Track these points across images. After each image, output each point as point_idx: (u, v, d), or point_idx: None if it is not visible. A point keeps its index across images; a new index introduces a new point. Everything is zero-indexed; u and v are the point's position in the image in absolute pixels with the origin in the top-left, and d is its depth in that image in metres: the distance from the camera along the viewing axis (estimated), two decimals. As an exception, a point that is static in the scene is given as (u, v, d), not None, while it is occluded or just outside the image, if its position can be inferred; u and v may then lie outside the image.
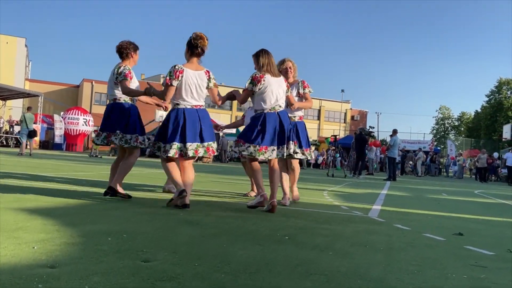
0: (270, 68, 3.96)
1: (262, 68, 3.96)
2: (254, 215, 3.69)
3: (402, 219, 4.15)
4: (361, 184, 10.78)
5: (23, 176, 6.12)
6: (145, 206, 3.82)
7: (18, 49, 42.13)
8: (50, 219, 2.80)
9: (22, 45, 42.82)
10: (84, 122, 34.35)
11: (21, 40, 42.70)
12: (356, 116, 56.61)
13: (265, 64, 3.96)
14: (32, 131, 15.04)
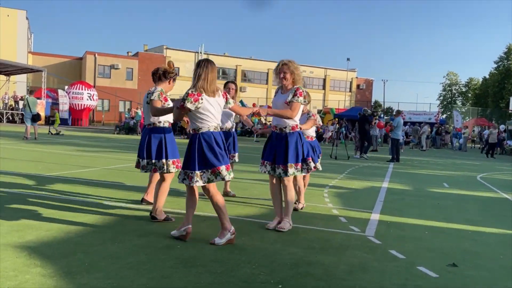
0: (207, 86, 3.61)
1: (198, 82, 3.61)
2: (251, 246, 3.77)
3: (398, 238, 4.23)
4: (363, 171, 10.83)
5: (26, 176, 6.23)
6: (147, 234, 3.91)
7: (19, 22, 41.60)
8: (49, 265, 2.90)
9: (23, 17, 42.22)
10: (88, 97, 34.36)
11: (22, 12, 42.08)
12: (362, 85, 56.02)
13: (201, 78, 3.61)
14: (35, 115, 15.09)
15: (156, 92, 4.34)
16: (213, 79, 3.66)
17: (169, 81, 4.59)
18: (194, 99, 3.55)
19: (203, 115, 3.59)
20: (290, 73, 4.20)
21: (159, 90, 4.38)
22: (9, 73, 34.92)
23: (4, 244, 3.35)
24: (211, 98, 3.63)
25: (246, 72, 51.99)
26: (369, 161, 13.74)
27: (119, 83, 44.68)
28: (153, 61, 46.52)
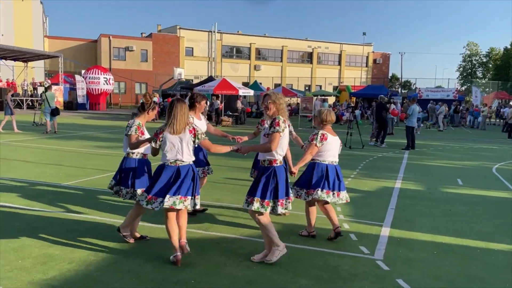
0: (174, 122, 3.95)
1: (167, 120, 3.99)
2: (262, 279, 3.92)
3: (407, 262, 4.33)
4: (377, 165, 10.86)
5: (48, 186, 6.49)
6: (163, 264, 4.10)
7: (34, 6, 41.77)
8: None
9: (38, 1, 42.35)
10: (104, 81, 34.67)
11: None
12: (378, 59, 55.00)
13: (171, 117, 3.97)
14: (54, 110, 15.41)
15: (134, 126, 4.57)
16: (182, 118, 3.96)
17: (147, 111, 4.74)
18: (158, 138, 4.01)
19: (164, 150, 4.01)
20: (273, 103, 4.16)
21: (136, 124, 4.60)
22: (26, 59, 35.41)
23: (30, 282, 3.58)
24: (172, 136, 3.97)
25: (260, 50, 51.49)
26: (384, 150, 13.72)
27: (135, 65, 44.88)
28: (167, 41, 46.45)
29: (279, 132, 4.01)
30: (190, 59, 47.35)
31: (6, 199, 6.14)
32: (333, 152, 4.82)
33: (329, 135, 4.77)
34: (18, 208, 5.73)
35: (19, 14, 40.33)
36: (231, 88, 22.58)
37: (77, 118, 24.88)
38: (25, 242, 4.49)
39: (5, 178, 7.56)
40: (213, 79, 28.83)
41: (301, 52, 53.04)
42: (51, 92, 15.96)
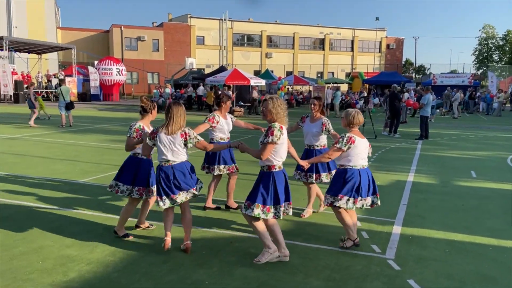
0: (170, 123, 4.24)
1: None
2: (273, 279, 4.00)
3: (418, 261, 4.36)
4: (390, 157, 10.83)
5: (65, 184, 6.66)
6: (177, 266, 4.21)
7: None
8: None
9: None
10: (117, 72, 34.96)
11: (47, -12, 42.40)
12: (392, 45, 54.25)
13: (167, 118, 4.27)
14: (69, 103, 15.62)
15: (133, 129, 4.79)
16: (178, 120, 4.23)
17: (150, 112, 4.90)
18: (152, 136, 4.35)
19: (158, 149, 4.33)
20: (269, 112, 4.10)
21: (135, 127, 4.80)
22: (40, 51, 35.80)
23: (51, 284, 3.72)
24: (164, 136, 4.26)
25: (272, 37, 51.15)
26: (397, 141, 13.65)
27: (146, 55, 45.04)
28: (178, 30, 46.44)
29: (273, 143, 4.00)
30: (201, 48, 47.31)
31: (26, 198, 6.32)
32: (363, 155, 4.57)
33: (357, 138, 4.52)
34: (37, 207, 5.90)
35: (31, 6, 40.62)
36: (243, 78, 22.56)
37: (91, 110, 25.17)
38: (44, 243, 4.64)
39: (24, 176, 7.76)
40: (224, 69, 28.81)
41: (313, 38, 52.57)
42: (66, 86, 16.16)
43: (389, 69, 47.86)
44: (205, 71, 39.09)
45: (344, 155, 4.51)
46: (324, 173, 5.62)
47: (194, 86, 29.56)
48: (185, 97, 26.43)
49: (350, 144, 4.47)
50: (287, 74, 43.19)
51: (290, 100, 30.81)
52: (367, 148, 4.63)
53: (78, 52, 36.05)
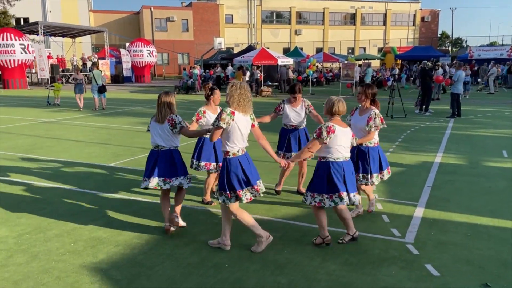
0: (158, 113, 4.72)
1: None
2: (291, 264, 4.11)
3: (438, 245, 4.36)
4: (419, 136, 10.64)
5: (98, 167, 6.97)
6: (200, 248, 4.39)
7: (78, -19, 42.70)
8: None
9: (81, -24, 43.20)
10: (148, 54, 35.43)
11: (78, -29, 43.05)
12: (426, 17, 52.20)
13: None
14: (101, 87, 16.08)
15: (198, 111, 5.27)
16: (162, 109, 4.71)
17: (211, 99, 5.36)
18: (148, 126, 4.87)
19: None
20: (227, 95, 4.14)
21: (197, 111, 5.33)
22: (74, 35, 36.70)
23: (80, 265, 3.98)
24: (156, 124, 4.71)
25: (301, 13, 50.23)
26: (428, 119, 13.34)
27: (176, 36, 45.29)
28: (207, 10, 46.32)
29: (219, 127, 4.01)
30: (230, 26, 47.10)
31: (61, 181, 6.67)
32: (345, 147, 4.25)
33: (337, 127, 4.17)
34: (71, 190, 6.23)
35: (64, -11, 41.46)
36: (270, 57, 22.42)
37: (124, 92, 25.75)
38: (76, 225, 4.93)
39: (59, 160, 8.15)
40: (252, 48, 28.67)
41: (343, 13, 51.26)
42: (97, 70, 16.60)
43: (424, 43, 46.21)
44: (234, 50, 39.04)
45: (323, 146, 4.21)
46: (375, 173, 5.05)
47: (223, 66, 29.64)
48: (214, 77, 26.57)
49: (330, 134, 4.12)
50: (317, 51, 42.51)
51: (319, 78, 30.43)
52: (350, 139, 4.29)
53: (110, 35, 36.70)
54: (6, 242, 4.46)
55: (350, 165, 4.36)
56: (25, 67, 29.55)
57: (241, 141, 4.10)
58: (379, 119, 4.91)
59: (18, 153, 8.77)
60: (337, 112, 4.25)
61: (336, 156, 4.21)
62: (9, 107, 17.58)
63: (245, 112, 4.11)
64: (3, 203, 5.64)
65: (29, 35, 31.48)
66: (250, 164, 4.17)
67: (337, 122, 4.25)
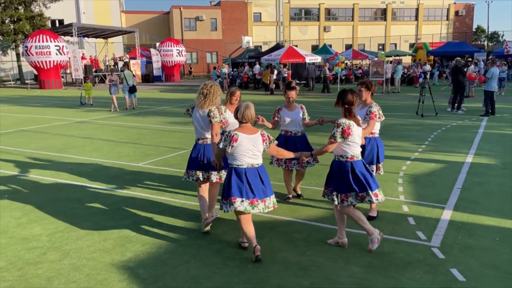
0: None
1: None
2: (314, 266, 4.13)
3: (465, 249, 4.28)
4: (450, 135, 10.39)
5: (128, 167, 7.18)
6: (222, 249, 4.47)
7: (110, -17, 43.74)
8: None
9: (113, -21, 44.26)
10: (177, 53, 35.99)
11: (111, -26, 44.10)
12: (461, 11, 50.65)
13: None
14: (132, 87, 16.46)
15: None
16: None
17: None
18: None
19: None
20: None
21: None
22: (106, 36, 37.68)
23: (109, 263, 4.13)
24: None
25: (330, 10, 49.70)
26: (460, 118, 12.99)
27: (205, 35, 45.78)
28: (235, 8, 46.56)
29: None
30: (258, 24, 47.16)
31: (92, 180, 6.91)
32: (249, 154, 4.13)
33: (241, 135, 4.07)
34: (102, 190, 6.44)
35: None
36: (298, 55, 22.34)
37: (154, 92, 26.27)
38: (107, 224, 5.10)
39: (91, 159, 8.43)
40: (280, 46, 28.63)
41: (373, 9, 50.39)
42: (128, 71, 17.00)
43: (458, 38, 44.88)
44: (262, 48, 39.07)
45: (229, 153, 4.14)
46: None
47: (251, 64, 29.75)
48: (242, 76, 26.70)
49: (232, 142, 4.03)
50: (346, 47, 41.99)
51: (348, 76, 30.07)
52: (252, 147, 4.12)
53: (140, 35, 37.48)
54: (40, 239, 4.68)
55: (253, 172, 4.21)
56: (60, 68, 30.59)
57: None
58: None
59: (53, 152, 9.13)
60: (241, 119, 4.15)
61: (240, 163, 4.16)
62: (45, 107, 18.27)
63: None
64: (38, 202, 5.91)
65: (64, 36, 32.55)
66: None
67: (245, 129, 4.14)
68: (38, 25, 34.20)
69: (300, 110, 5.71)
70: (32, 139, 10.69)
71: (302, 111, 5.72)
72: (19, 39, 33.47)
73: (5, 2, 33.28)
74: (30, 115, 15.42)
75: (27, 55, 29.08)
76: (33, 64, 29.46)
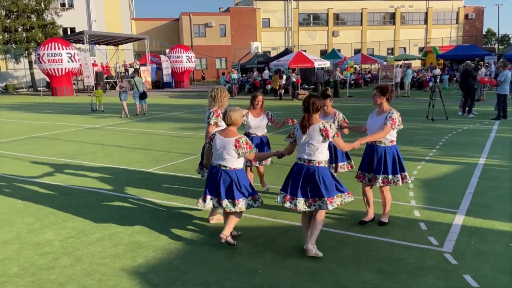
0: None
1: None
2: (323, 270, 4.11)
3: (477, 255, 4.23)
4: (461, 139, 10.29)
5: (140, 174, 7.23)
6: (233, 254, 4.47)
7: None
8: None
9: (123, -14, 44.78)
10: (187, 59, 36.23)
11: (121, -19, 44.60)
12: (470, 15, 50.31)
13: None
14: (142, 93, 16.60)
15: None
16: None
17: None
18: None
19: None
20: None
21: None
22: (117, 43, 38.08)
23: (121, 269, 4.15)
24: None
25: (339, 15, 49.70)
26: (471, 122, 12.86)
27: (214, 41, 46.03)
28: (244, 14, 46.79)
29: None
30: (267, 30, 47.33)
31: (103, 186, 6.97)
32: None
33: (217, 136, 4.52)
34: (113, 195, 6.49)
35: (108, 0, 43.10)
36: (307, 60, 22.36)
37: (164, 98, 26.44)
38: (117, 229, 5.14)
39: (103, 165, 8.50)
40: (289, 51, 28.68)
41: (382, 13, 50.28)
42: (139, 78, 17.16)
43: (468, 41, 44.52)
44: (271, 53, 39.16)
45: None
46: None
47: (259, 70, 29.83)
48: (251, 81, 26.77)
49: (210, 141, 4.59)
50: (355, 52, 41.92)
51: (357, 80, 29.99)
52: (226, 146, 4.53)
53: (150, 42, 37.83)
54: (52, 245, 4.73)
55: None
56: (71, 75, 30.96)
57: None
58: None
59: (65, 158, 9.23)
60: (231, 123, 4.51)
61: None
62: (57, 113, 18.49)
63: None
64: (50, 207, 5.97)
65: (75, 44, 32.98)
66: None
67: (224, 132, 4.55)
68: (50, 33, 34.71)
69: (333, 117, 5.57)
70: (44, 145, 10.82)
71: (334, 118, 5.56)
72: (32, 47, 33.99)
73: (18, 11, 33.86)
74: (43, 122, 15.62)
75: (39, 62, 29.49)
76: (45, 71, 29.85)
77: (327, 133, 4.12)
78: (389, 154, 4.87)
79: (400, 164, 4.92)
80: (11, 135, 12.72)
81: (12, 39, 34.10)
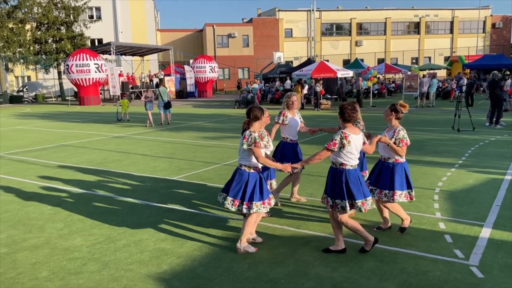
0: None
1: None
2: (347, 282, 4.10)
3: (504, 269, 4.14)
4: (488, 151, 10.08)
5: (163, 182, 7.36)
6: (256, 263, 4.50)
7: (146, 4, 45.37)
8: (182, 306, 3.64)
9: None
10: (210, 70, 36.67)
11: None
12: (498, 24, 49.34)
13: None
14: (167, 103, 16.90)
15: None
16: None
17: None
18: None
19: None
20: None
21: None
22: (142, 53, 38.92)
23: (146, 275, 4.24)
24: None
25: (362, 24, 49.52)
26: (499, 133, 12.58)
27: (237, 51, 46.49)
28: (267, 25, 47.15)
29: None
30: (290, 40, 47.53)
31: (129, 194, 7.13)
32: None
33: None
34: (138, 203, 6.63)
35: (134, 11, 44.20)
36: (329, 70, 22.33)
37: (187, 108, 26.79)
38: (143, 236, 5.25)
39: (128, 173, 8.69)
40: (311, 61, 28.70)
41: (406, 22, 49.84)
42: (163, 87, 17.50)
43: (495, 50, 43.66)
44: (293, 63, 39.27)
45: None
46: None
47: (282, 79, 29.94)
48: (273, 91, 26.87)
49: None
50: (379, 62, 41.62)
51: (380, 90, 29.73)
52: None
53: (175, 52, 38.52)
54: (80, 250, 4.87)
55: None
56: (98, 85, 31.76)
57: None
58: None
59: (92, 166, 9.47)
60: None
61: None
62: (84, 122, 18.99)
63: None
64: (78, 214, 6.14)
65: (103, 55, 33.88)
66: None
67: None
68: (78, 45, 35.78)
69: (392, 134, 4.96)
70: (73, 153, 11.13)
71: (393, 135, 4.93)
72: (61, 58, 35.11)
73: (48, 23, 35.07)
74: (71, 130, 16.07)
75: (68, 73, 30.39)
76: (74, 81, 30.71)
77: None
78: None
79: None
80: (42, 143, 13.14)
81: (43, 50, 35.33)
